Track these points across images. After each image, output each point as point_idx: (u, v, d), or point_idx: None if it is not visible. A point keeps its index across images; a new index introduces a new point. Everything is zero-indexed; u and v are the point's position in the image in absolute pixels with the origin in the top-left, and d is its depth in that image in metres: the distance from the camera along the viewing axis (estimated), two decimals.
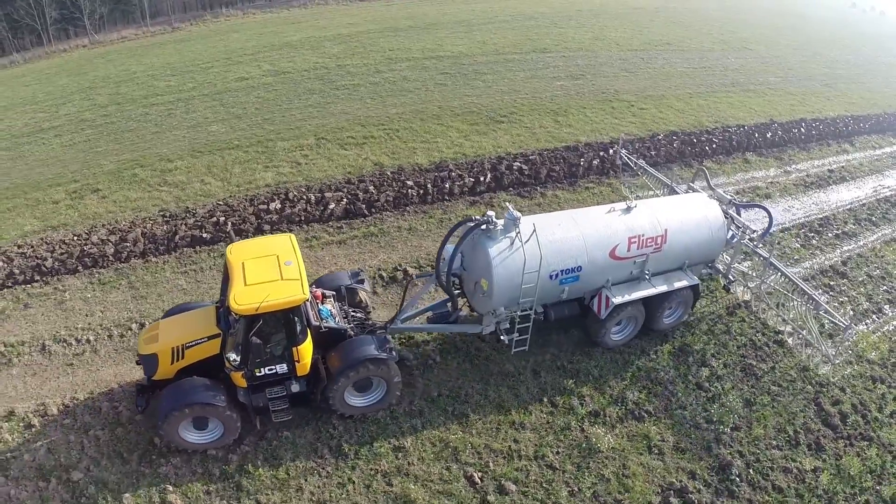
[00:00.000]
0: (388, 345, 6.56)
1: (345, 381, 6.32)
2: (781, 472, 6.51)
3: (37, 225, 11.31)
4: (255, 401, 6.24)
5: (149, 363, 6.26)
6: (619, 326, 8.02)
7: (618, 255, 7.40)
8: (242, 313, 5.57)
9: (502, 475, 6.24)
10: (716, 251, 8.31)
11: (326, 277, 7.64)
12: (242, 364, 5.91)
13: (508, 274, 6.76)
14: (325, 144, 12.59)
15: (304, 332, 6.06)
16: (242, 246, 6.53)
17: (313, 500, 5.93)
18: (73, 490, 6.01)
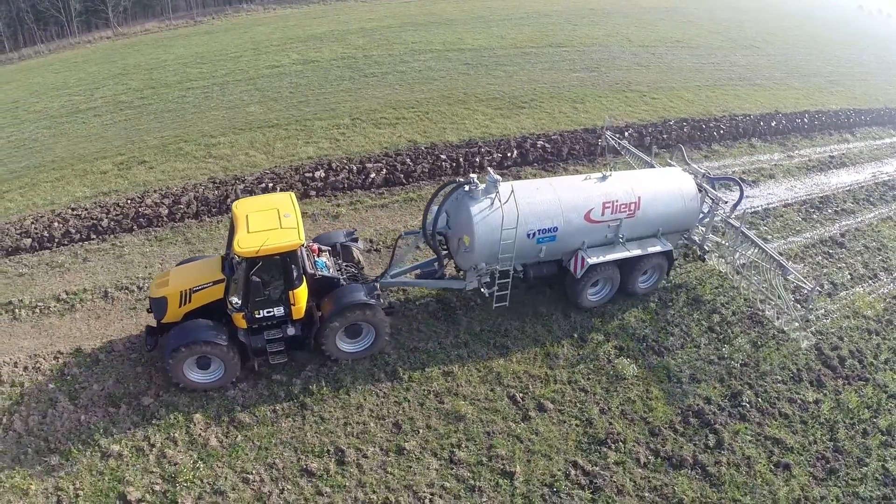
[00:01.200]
0: (376, 292, 7.36)
1: (335, 325, 7.08)
2: (787, 401, 7.69)
3: (87, 192, 12.63)
4: (254, 342, 6.99)
5: (158, 306, 7.04)
6: (596, 288, 8.80)
7: (592, 218, 8.20)
8: (245, 255, 6.37)
9: (540, 396, 7.44)
10: (690, 221, 9.08)
11: (324, 236, 8.60)
12: (243, 305, 6.66)
13: (489, 230, 7.59)
14: (360, 124, 14.00)
15: (299, 277, 6.86)
16: (247, 202, 7.45)
17: (373, 416, 7.08)
18: (144, 413, 7.08)
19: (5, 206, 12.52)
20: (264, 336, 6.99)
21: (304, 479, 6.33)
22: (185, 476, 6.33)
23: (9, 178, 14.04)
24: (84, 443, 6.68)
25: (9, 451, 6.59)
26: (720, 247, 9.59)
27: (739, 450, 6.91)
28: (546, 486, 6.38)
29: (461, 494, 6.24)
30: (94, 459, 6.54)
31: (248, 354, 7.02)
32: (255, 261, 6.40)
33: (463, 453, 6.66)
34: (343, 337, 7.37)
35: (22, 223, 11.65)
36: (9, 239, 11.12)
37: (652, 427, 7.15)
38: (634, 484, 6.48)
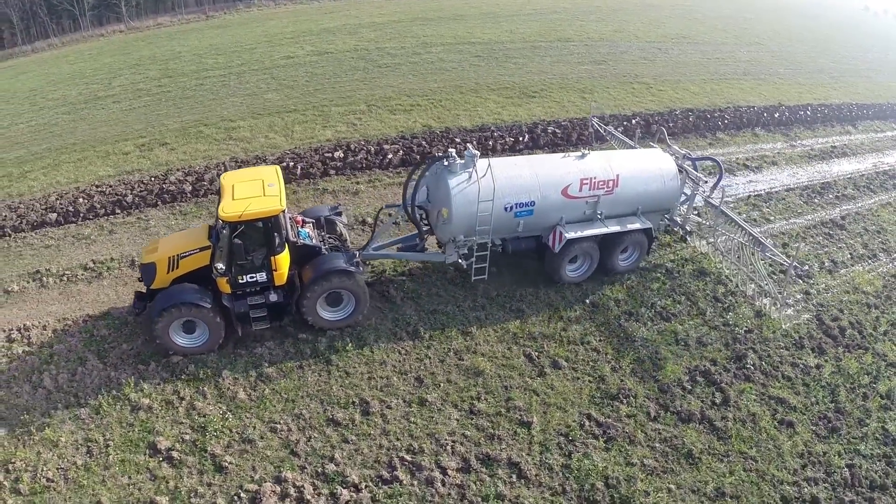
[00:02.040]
0: (356, 260, 7.66)
1: (316, 291, 7.40)
2: (789, 365, 8.20)
3: (111, 171, 13.25)
4: (238, 307, 7.34)
5: (148, 272, 7.41)
6: (576, 264, 9.08)
7: (570, 193, 8.45)
8: (228, 220, 6.79)
9: (555, 354, 7.96)
10: (670, 200, 9.29)
11: (309, 210, 8.99)
12: (227, 270, 7.01)
13: (466, 202, 7.93)
14: (376, 110, 14.66)
15: (281, 244, 7.21)
16: (234, 173, 7.98)
17: (395, 371, 7.59)
18: (173, 370, 7.54)
19: (28, 185, 13.13)
20: (247, 301, 7.32)
21: (331, 428, 6.81)
22: (215, 426, 6.79)
23: (31, 159, 14.68)
24: (114, 397, 7.15)
25: (38, 406, 7.04)
26: (701, 227, 9.85)
27: (745, 407, 7.41)
28: (562, 436, 6.87)
29: (481, 442, 6.72)
30: (124, 412, 6.99)
31: (232, 319, 7.34)
32: (238, 225, 6.80)
33: (482, 405, 7.17)
34: (324, 305, 7.68)
35: (46, 199, 12.25)
36: (34, 214, 11.72)
37: (661, 384, 7.66)
38: (645, 435, 6.97)
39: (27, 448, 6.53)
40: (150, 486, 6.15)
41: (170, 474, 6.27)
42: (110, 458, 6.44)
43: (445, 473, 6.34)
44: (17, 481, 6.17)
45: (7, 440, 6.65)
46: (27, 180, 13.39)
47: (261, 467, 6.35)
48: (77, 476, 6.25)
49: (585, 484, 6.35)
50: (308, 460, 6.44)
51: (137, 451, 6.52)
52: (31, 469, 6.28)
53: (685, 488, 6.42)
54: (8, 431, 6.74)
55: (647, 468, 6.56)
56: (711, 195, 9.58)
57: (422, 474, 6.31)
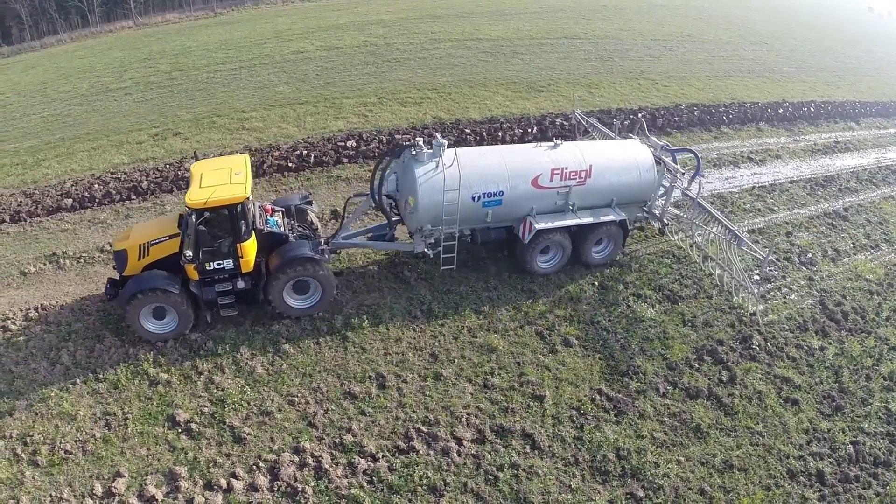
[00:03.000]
0: (321, 247, 7.72)
1: (281, 278, 7.51)
2: (794, 346, 8.42)
3: (125, 159, 13.54)
4: (206, 294, 7.49)
5: (120, 259, 7.54)
6: (547, 256, 8.98)
7: (540, 184, 8.31)
8: (193, 206, 6.94)
9: (566, 333, 8.19)
10: (646, 192, 9.16)
11: (280, 199, 9.11)
12: (195, 257, 7.13)
13: (432, 191, 7.89)
14: (387, 102, 14.96)
15: (248, 231, 7.35)
16: (204, 163, 8.15)
17: (410, 347, 7.81)
18: (191, 346, 7.75)
19: (43, 172, 13.43)
20: (215, 288, 7.46)
21: (348, 401, 7.02)
22: (233, 399, 6.98)
23: (44, 148, 14.99)
24: (132, 372, 7.34)
25: (56, 381, 7.22)
26: (679, 220, 9.72)
27: (751, 385, 7.63)
28: (573, 409, 7.08)
29: (495, 414, 6.94)
30: (143, 387, 7.17)
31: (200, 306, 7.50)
32: (203, 212, 6.97)
33: (496, 380, 7.39)
34: (291, 292, 7.77)
35: (62, 186, 12.54)
36: (49, 199, 12.00)
37: (669, 362, 7.88)
38: (655, 410, 7.18)
39: (45, 421, 6.70)
40: (168, 456, 6.32)
41: (188, 445, 6.44)
42: (129, 430, 6.62)
43: (461, 444, 6.54)
44: (35, 454, 6.32)
45: (25, 414, 6.83)
46: (41, 168, 13.69)
47: (279, 438, 6.53)
48: (96, 448, 6.41)
49: (597, 455, 6.55)
50: (326, 431, 6.63)
51: (156, 424, 6.69)
52: (50, 442, 6.44)
53: (694, 461, 6.63)
54: (26, 406, 6.91)
55: (656, 441, 6.77)
56: (689, 187, 9.41)
57: (437, 445, 6.51)
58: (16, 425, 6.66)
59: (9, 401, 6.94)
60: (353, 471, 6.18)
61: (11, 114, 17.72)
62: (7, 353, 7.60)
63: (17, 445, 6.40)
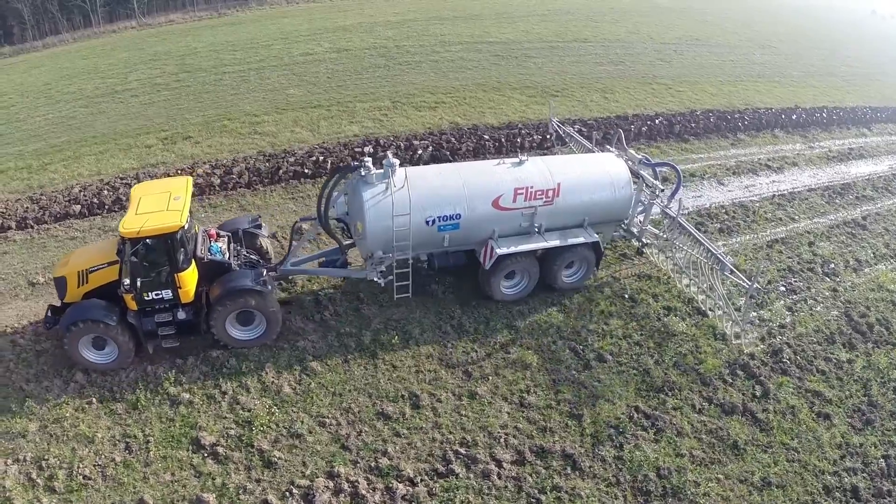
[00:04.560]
0: (263, 278, 7.20)
1: (221, 310, 7.08)
2: (823, 360, 8.25)
3: (134, 163, 13.07)
4: (146, 325, 7.10)
5: (60, 286, 7.14)
6: (513, 280, 8.18)
7: (502, 205, 7.57)
8: (126, 236, 6.54)
9: (599, 348, 7.94)
10: (622, 210, 8.37)
11: (228, 222, 8.60)
12: (132, 286, 6.74)
13: (381, 216, 7.22)
14: (401, 107, 14.59)
15: (186, 260, 6.96)
16: (145, 185, 7.81)
17: (443, 364, 7.51)
18: (213, 364, 7.38)
19: (49, 177, 12.92)
20: (155, 319, 7.08)
21: (381, 422, 6.70)
22: (261, 421, 6.62)
23: (49, 151, 14.44)
24: (152, 391, 6.95)
25: (71, 400, 6.81)
26: (659, 239, 8.93)
27: (784, 400, 7.45)
28: (612, 428, 6.84)
29: (533, 434, 6.67)
30: (164, 407, 6.78)
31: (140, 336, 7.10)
32: (137, 241, 6.56)
33: (532, 398, 7.12)
34: (234, 323, 7.38)
35: (69, 191, 12.05)
36: (57, 206, 11.49)
37: (703, 377, 7.66)
38: (692, 426, 6.97)
39: (61, 444, 6.29)
40: (195, 482, 5.96)
41: (216, 470, 6.08)
42: (151, 454, 6.24)
43: (501, 466, 6.28)
44: (51, 479, 5.93)
45: (39, 436, 6.41)
46: (47, 172, 13.17)
47: (311, 462, 6.20)
48: (116, 473, 6.03)
49: (638, 475, 6.32)
50: (360, 454, 6.32)
51: (180, 447, 6.32)
52: (67, 466, 6.06)
53: (733, 478, 6.43)
54: (40, 427, 6.50)
55: (695, 459, 6.56)
56: (669, 205, 8.66)
57: (477, 467, 6.24)
58: (30, 447, 6.27)
59: (21, 421, 6.53)
60: (391, 496, 5.89)
61: (15, 115, 17.10)
62: (17, 369, 7.19)
63: (33, 469, 6.03)
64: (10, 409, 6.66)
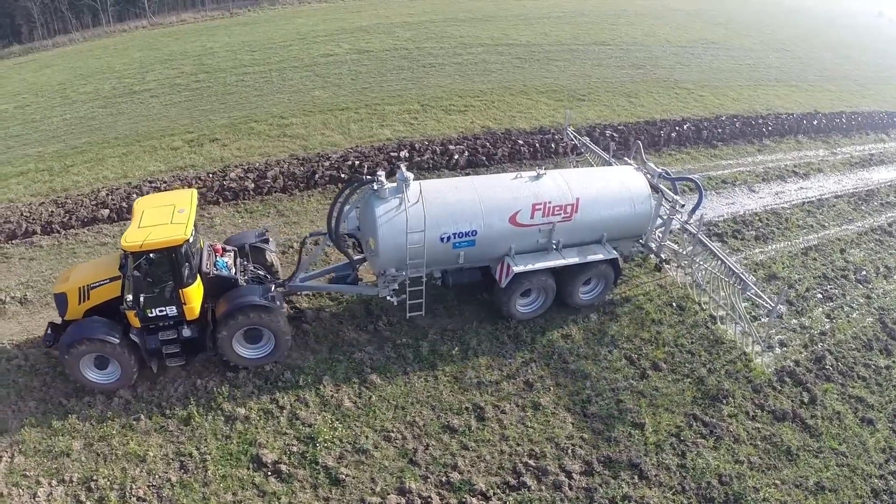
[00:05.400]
0: (271, 294, 6.87)
1: (229, 327, 6.76)
2: (862, 366, 8.33)
3: (161, 166, 12.74)
4: (149, 342, 6.76)
5: (60, 302, 6.83)
6: (529, 298, 7.90)
7: (519, 221, 7.29)
8: (129, 250, 6.19)
9: (653, 357, 7.92)
10: (641, 225, 8.10)
11: (235, 237, 8.26)
12: (134, 303, 6.45)
13: (394, 233, 6.90)
14: (431, 110, 14.41)
15: (191, 275, 6.60)
16: (148, 198, 7.42)
17: (503, 375, 7.43)
18: (266, 377, 7.19)
19: (73, 180, 12.57)
20: (159, 337, 6.76)
21: (447, 436, 6.60)
22: (324, 437, 6.41)
23: (70, 153, 14.06)
24: (204, 407, 6.66)
25: (117, 416, 6.53)
26: (678, 255, 8.62)
27: (830, 406, 7.53)
28: (673, 437, 6.85)
29: (599, 445, 6.65)
30: (218, 423, 6.52)
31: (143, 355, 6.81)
32: (139, 255, 6.25)
33: (594, 408, 7.09)
34: (242, 341, 7.04)
35: (96, 195, 11.72)
36: (84, 210, 11.17)
37: (754, 385, 7.71)
38: (748, 434, 7.01)
39: (110, 463, 6.02)
40: (259, 502, 5.73)
41: (280, 489, 5.86)
42: (209, 472, 5.99)
43: (570, 477, 6.25)
44: (102, 501, 5.66)
45: (85, 455, 6.11)
46: (70, 175, 12.82)
47: (380, 479, 6.06)
48: (173, 494, 5.77)
49: (702, 482, 6.35)
50: (430, 469, 6.21)
51: (239, 465, 6.07)
52: (118, 487, 5.79)
53: (789, 483, 6.50)
54: (85, 445, 6.19)
55: (753, 465, 6.62)
56: (689, 220, 8.38)
57: (548, 479, 6.21)
58: (76, 467, 5.98)
59: (64, 439, 6.24)
60: None
61: (31, 116, 16.64)
62: (55, 384, 6.90)
63: (81, 491, 5.75)
64: (50, 425, 6.39)
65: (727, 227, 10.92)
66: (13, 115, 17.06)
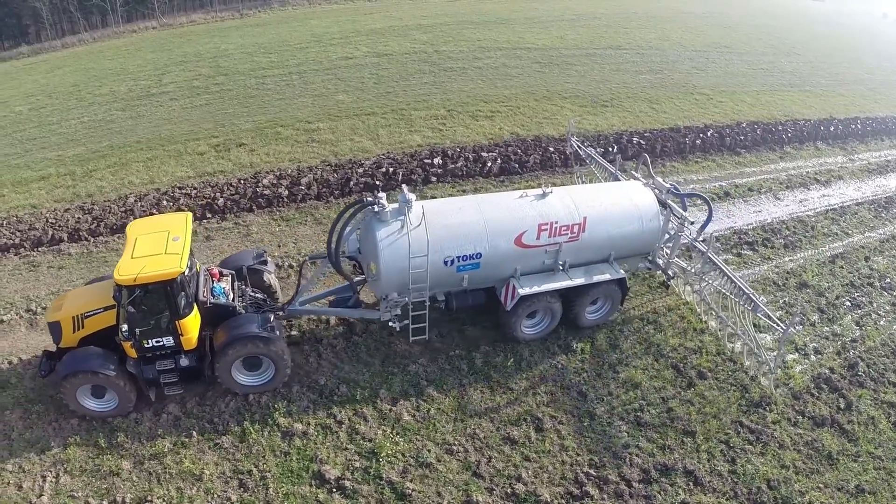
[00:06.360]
0: (270, 324, 6.72)
1: (226, 357, 6.64)
2: (892, 372, 8.56)
3: (189, 171, 12.64)
4: (146, 372, 6.65)
5: (54, 330, 6.71)
6: (534, 320, 7.78)
7: (525, 242, 7.10)
8: (122, 283, 6.03)
9: (698, 365, 8.09)
10: (649, 243, 7.91)
11: (231, 258, 8.07)
12: (130, 334, 6.34)
13: (396, 257, 6.70)
14: (458, 115, 14.43)
15: (188, 305, 6.46)
16: (141, 223, 7.17)
17: (557, 385, 7.56)
18: (321, 391, 7.16)
19: (97, 185, 12.43)
20: (156, 366, 6.66)
21: (508, 447, 6.69)
22: (387, 451, 6.41)
23: (92, 157, 13.89)
24: (259, 422, 6.60)
25: (167, 434, 6.43)
26: (686, 273, 8.37)
27: (865, 411, 7.76)
28: (723, 443, 7.03)
29: (654, 453, 6.82)
30: (275, 439, 6.45)
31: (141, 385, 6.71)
32: (134, 289, 6.09)
33: (647, 416, 7.26)
34: (241, 369, 6.94)
35: (124, 201, 11.58)
36: (112, 217, 11.05)
37: (794, 392, 7.93)
38: (791, 439, 7.23)
39: (165, 482, 5.93)
40: None
41: None
42: (271, 490, 5.95)
43: (630, 485, 6.41)
44: None
45: (136, 474, 6.01)
46: (94, 179, 12.68)
47: (447, 492, 6.10)
48: None
49: (752, 487, 6.55)
50: (494, 481, 6.30)
51: (301, 482, 6.01)
52: None
53: (832, 487, 6.73)
54: (136, 463, 6.09)
55: (798, 470, 6.84)
56: (698, 237, 8.13)
57: (609, 487, 6.36)
58: (128, 487, 5.89)
59: (112, 458, 6.14)
60: None
61: (47, 118, 16.40)
62: None
63: None
64: (97, 443, 6.31)
65: (757, 236, 11.10)
66: (28, 117, 16.80)
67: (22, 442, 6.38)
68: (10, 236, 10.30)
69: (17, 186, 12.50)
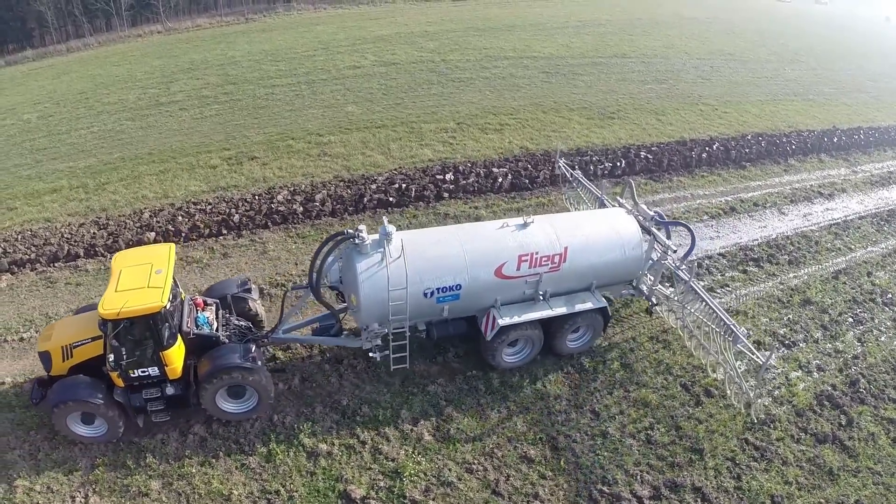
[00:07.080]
0: (251, 354, 6.91)
1: (210, 386, 6.85)
2: (892, 389, 8.89)
3: (203, 186, 12.76)
4: (134, 401, 6.89)
5: (44, 359, 6.97)
6: (515, 348, 7.84)
7: (505, 273, 7.15)
8: (106, 317, 6.24)
9: (705, 383, 8.41)
10: (632, 271, 7.96)
11: (216, 286, 8.22)
12: (116, 365, 6.57)
13: (375, 290, 6.77)
14: (467, 128, 14.65)
15: (172, 336, 6.68)
16: (126, 254, 7.40)
17: (571, 405, 7.87)
18: (344, 412, 7.38)
19: (110, 199, 12.59)
20: (143, 395, 6.89)
21: (525, 466, 6.97)
22: (409, 470, 6.67)
23: (104, 169, 14.03)
24: (285, 443, 6.82)
25: (194, 454, 6.64)
26: (669, 300, 8.39)
27: (865, 427, 8.08)
28: (729, 461, 7.37)
29: (664, 470, 7.15)
30: (300, 459, 6.68)
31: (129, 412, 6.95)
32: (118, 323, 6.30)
33: (657, 434, 7.59)
34: (226, 397, 7.15)
35: (139, 216, 11.73)
36: (128, 232, 11.17)
37: (797, 409, 8.26)
38: (794, 456, 7.56)
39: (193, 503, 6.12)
40: None
41: None
42: None
43: (641, 502, 6.74)
44: None
45: (165, 494, 6.22)
46: (107, 193, 12.84)
47: None
48: None
49: (757, 502, 6.87)
50: (513, 499, 6.58)
51: (328, 502, 6.23)
52: None
53: (832, 502, 7.06)
54: (164, 484, 6.30)
55: (801, 486, 7.17)
56: (681, 266, 8.16)
57: None
58: None
59: (141, 478, 6.36)
60: None
61: (56, 127, 16.51)
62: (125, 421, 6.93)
63: None
64: (125, 464, 6.53)
65: (762, 252, 11.40)
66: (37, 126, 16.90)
67: (49, 462, 6.60)
68: (25, 251, 10.43)
69: (30, 199, 12.61)
